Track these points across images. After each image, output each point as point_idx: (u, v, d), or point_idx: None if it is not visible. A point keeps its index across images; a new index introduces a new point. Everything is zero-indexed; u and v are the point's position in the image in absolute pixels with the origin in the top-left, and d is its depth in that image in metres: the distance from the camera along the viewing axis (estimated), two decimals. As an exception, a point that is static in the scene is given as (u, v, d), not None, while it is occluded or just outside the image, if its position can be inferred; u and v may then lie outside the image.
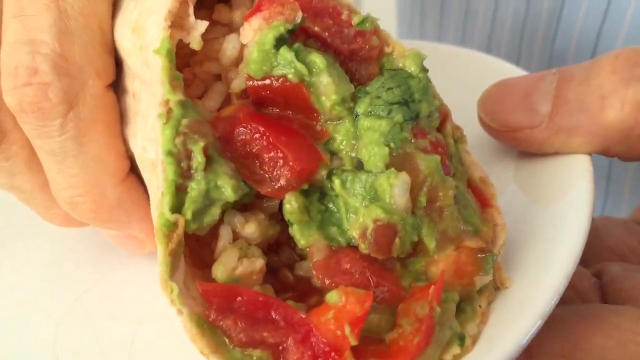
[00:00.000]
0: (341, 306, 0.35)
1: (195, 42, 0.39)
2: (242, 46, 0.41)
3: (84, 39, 0.39)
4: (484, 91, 0.51)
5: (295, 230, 0.40)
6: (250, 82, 0.41)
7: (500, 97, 0.48)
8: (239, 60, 0.42)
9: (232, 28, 0.43)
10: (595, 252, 0.57)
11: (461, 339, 0.38)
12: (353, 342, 0.34)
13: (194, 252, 0.39)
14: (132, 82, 0.42)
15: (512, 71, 0.56)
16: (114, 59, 0.44)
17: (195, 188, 0.36)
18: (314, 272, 0.40)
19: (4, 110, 0.39)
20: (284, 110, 0.41)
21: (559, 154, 0.46)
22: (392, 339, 0.36)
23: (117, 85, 0.46)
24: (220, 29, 0.43)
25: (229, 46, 0.42)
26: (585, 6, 0.69)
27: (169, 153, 0.35)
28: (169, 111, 0.36)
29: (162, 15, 0.37)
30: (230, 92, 0.42)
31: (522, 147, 0.48)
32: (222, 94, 0.42)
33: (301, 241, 0.40)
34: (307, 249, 0.40)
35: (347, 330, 0.34)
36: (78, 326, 0.48)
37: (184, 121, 0.36)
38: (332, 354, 0.35)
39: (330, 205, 0.41)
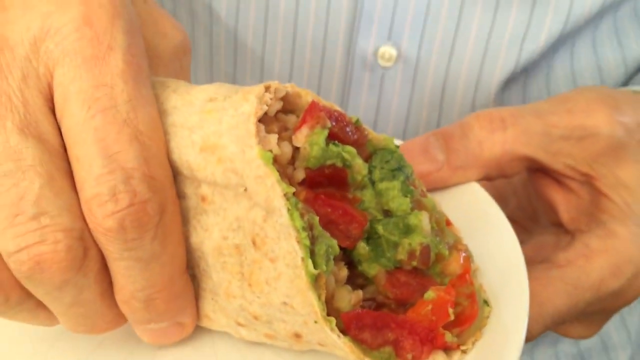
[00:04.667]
0: (436, 299, 0.54)
1: (276, 150, 0.52)
2: (294, 149, 0.58)
3: (160, 160, 0.45)
4: None
5: (365, 267, 0.58)
6: (309, 172, 0.58)
7: (407, 156, 0.71)
8: (291, 159, 0.58)
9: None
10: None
11: (486, 301, 0.59)
12: (452, 317, 0.54)
13: None
14: (196, 189, 0.49)
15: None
16: None
17: (321, 248, 0.52)
18: (385, 291, 0.58)
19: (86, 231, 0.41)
20: (326, 187, 0.59)
21: (455, 185, 0.70)
22: (457, 313, 0.56)
23: None
24: None
25: (286, 150, 0.58)
26: None
27: (303, 229, 0.50)
28: (289, 200, 0.51)
29: (247, 134, 0.47)
30: (293, 182, 0.58)
31: (431, 186, 0.70)
32: None
33: (371, 273, 0.58)
34: (375, 277, 0.58)
35: (451, 311, 0.53)
36: None
37: (300, 205, 0.52)
38: (430, 333, 0.54)
39: (375, 244, 0.60)
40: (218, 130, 0.49)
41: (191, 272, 0.55)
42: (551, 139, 0.64)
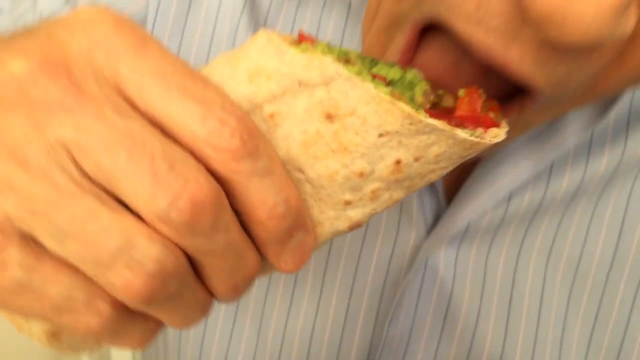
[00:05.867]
0: (467, 91, 0.53)
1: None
2: None
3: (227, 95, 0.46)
4: None
5: None
6: None
7: None
8: None
9: None
10: None
11: None
12: (484, 96, 0.52)
13: None
14: (261, 114, 0.50)
15: None
16: None
17: (378, 84, 0.48)
18: None
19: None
20: None
21: None
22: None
23: None
24: None
25: None
26: None
27: (360, 72, 0.49)
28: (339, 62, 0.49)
29: (277, 47, 0.49)
30: None
31: None
32: None
33: None
34: None
35: (481, 91, 0.51)
36: None
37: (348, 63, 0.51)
38: (478, 116, 0.56)
39: None
40: (253, 61, 0.52)
41: None
42: None
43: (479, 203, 0.57)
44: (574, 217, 0.57)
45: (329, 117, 0.52)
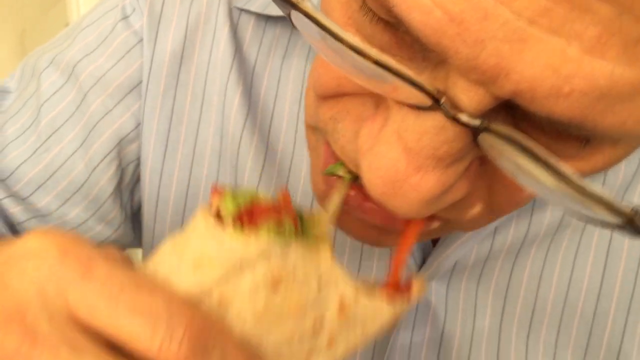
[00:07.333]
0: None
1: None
2: None
3: (176, 294, 0.46)
4: None
5: None
6: None
7: None
8: None
9: None
10: None
11: None
12: None
13: None
14: (210, 298, 0.51)
15: None
16: None
17: None
18: None
19: None
20: None
21: None
22: None
23: None
24: None
25: None
26: None
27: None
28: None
29: (210, 229, 0.49)
30: None
31: None
32: None
33: None
34: None
35: None
36: None
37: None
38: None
39: None
40: (194, 249, 0.53)
41: None
42: None
43: (465, 241, 0.57)
44: (559, 249, 0.58)
45: (274, 285, 0.52)
